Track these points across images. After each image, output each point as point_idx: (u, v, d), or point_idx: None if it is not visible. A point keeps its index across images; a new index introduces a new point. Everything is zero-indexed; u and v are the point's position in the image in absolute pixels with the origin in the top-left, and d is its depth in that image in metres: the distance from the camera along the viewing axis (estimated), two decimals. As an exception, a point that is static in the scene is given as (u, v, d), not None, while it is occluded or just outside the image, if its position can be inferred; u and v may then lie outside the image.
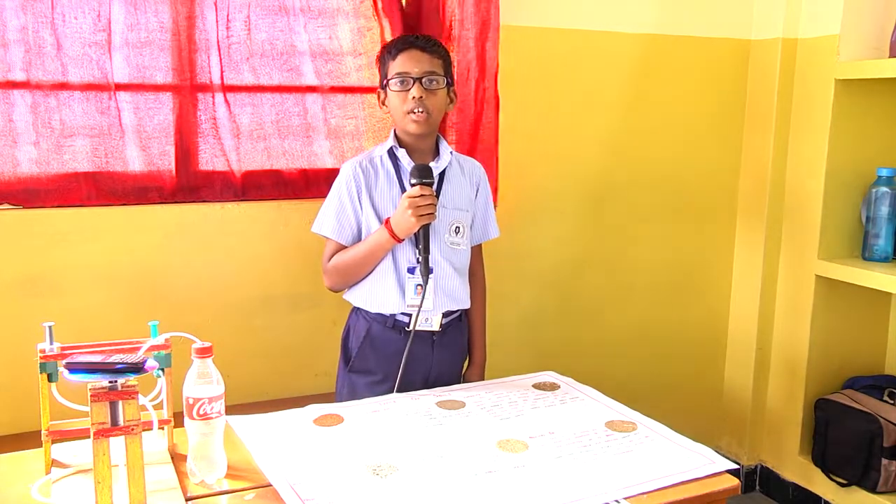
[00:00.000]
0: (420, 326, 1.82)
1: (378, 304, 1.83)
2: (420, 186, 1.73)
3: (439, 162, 1.85)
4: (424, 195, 1.72)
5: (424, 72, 1.76)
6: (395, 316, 1.83)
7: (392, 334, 1.83)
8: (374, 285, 1.82)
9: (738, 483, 1.35)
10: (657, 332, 2.79)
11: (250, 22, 2.09)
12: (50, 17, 1.89)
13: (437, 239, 1.82)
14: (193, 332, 1.30)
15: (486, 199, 1.97)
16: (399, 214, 1.74)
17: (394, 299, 1.81)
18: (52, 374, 1.30)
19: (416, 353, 1.82)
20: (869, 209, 2.52)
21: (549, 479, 1.30)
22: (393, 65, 1.79)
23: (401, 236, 1.76)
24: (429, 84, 1.77)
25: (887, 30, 2.49)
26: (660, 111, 2.65)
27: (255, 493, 1.28)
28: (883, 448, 2.42)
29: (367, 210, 1.81)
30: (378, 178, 1.83)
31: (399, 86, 1.77)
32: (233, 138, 2.11)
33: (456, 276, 1.86)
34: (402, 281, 1.81)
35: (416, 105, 1.76)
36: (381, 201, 1.82)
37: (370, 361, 1.85)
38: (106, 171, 2.00)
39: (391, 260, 1.81)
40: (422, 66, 1.77)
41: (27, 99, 1.91)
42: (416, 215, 1.71)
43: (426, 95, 1.76)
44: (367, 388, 1.82)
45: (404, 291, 1.80)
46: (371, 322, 1.85)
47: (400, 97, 1.77)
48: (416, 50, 1.78)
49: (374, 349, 1.85)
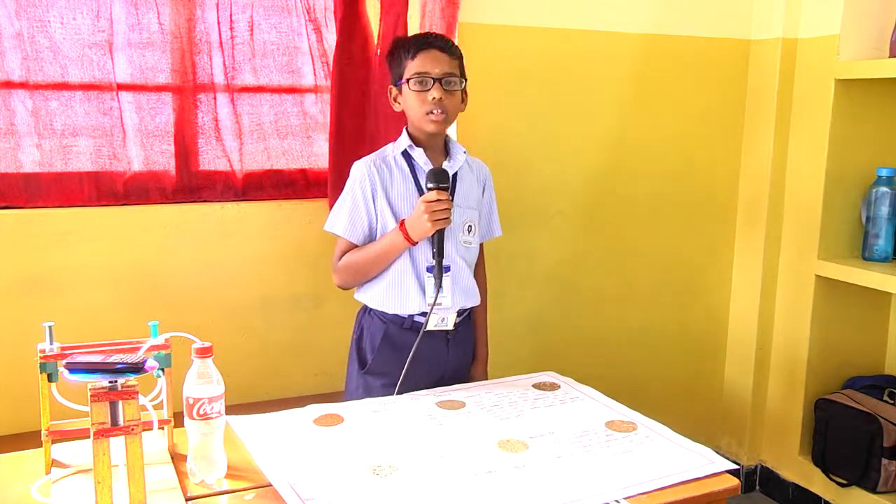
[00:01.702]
0: (436, 326, 1.82)
1: (398, 305, 1.82)
2: (437, 191, 1.73)
3: (453, 163, 1.84)
4: (441, 200, 1.72)
5: (444, 73, 1.76)
6: (412, 316, 1.83)
7: (410, 335, 1.81)
8: (392, 286, 1.82)
9: (738, 483, 1.35)
10: (657, 332, 2.79)
11: (251, 23, 2.09)
12: (48, 17, 1.89)
13: (453, 238, 1.83)
14: (193, 332, 1.31)
15: (491, 198, 1.98)
16: (415, 218, 1.74)
17: (414, 299, 1.81)
18: (52, 374, 1.30)
19: (432, 353, 1.82)
20: (869, 209, 2.52)
21: (549, 479, 1.30)
22: (412, 64, 1.77)
23: (415, 239, 1.76)
24: (448, 85, 1.76)
25: (887, 30, 2.49)
26: (660, 111, 2.65)
27: (255, 493, 1.28)
28: (883, 448, 2.42)
29: (384, 209, 1.81)
30: (393, 176, 1.82)
31: (419, 86, 1.76)
32: (233, 138, 2.11)
33: (469, 274, 1.88)
34: (421, 280, 1.81)
35: (436, 106, 1.75)
36: (398, 200, 1.81)
37: (389, 363, 1.82)
38: (107, 171, 2.01)
39: (409, 260, 1.80)
40: (442, 67, 1.76)
41: (27, 102, 1.91)
42: (431, 220, 1.71)
43: (445, 96, 1.76)
44: (384, 389, 1.78)
45: (424, 291, 1.80)
46: (388, 323, 1.85)
47: (419, 97, 1.76)
48: (436, 50, 1.77)
49: (394, 351, 1.83)
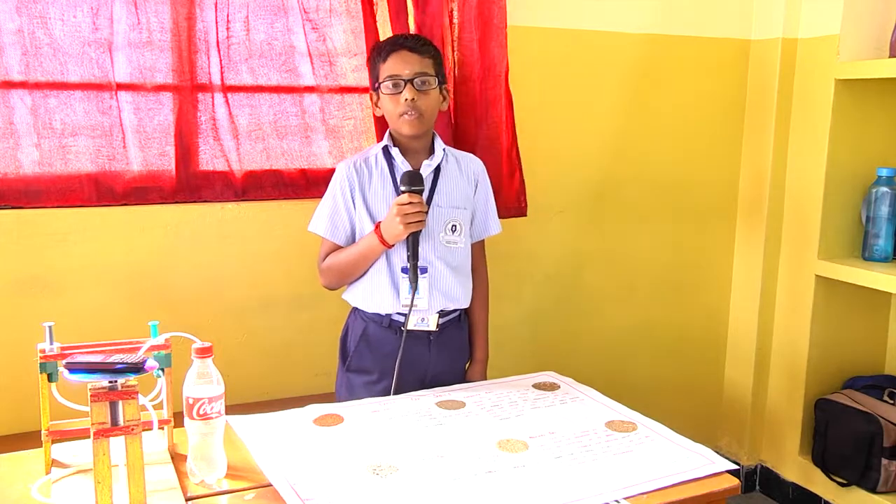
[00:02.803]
0: (417, 326, 1.82)
1: (374, 304, 1.83)
2: (409, 194, 1.72)
3: (433, 160, 1.84)
4: (413, 203, 1.71)
5: (416, 73, 1.76)
6: (390, 316, 1.84)
7: (388, 334, 1.83)
8: (369, 285, 1.83)
9: (738, 483, 1.35)
10: (657, 332, 2.79)
11: (249, 22, 2.09)
12: (47, 16, 1.89)
13: (432, 238, 1.82)
14: (193, 332, 1.31)
15: (486, 195, 1.96)
16: (388, 221, 1.74)
17: (389, 299, 1.81)
18: (52, 374, 1.30)
19: (413, 353, 1.81)
20: (869, 209, 2.52)
21: (549, 479, 1.30)
22: (384, 67, 1.78)
23: (390, 242, 1.76)
24: (420, 85, 1.76)
25: (887, 30, 2.49)
26: (660, 111, 2.65)
27: (255, 493, 1.28)
28: (883, 448, 2.42)
29: (361, 210, 1.81)
30: (372, 177, 1.82)
31: (391, 88, 1.76)
32: (232, 138, 2.11)
33: (452, 276, 1.85)
34: (395, 280, 1.81)
35: (409, 107, 1.75)
36: (375, 201, 1.82)
37: (367, 361, 1.86)
38: (106, 171, 2.00)
39: (384, 260, 1.81)
40: (413, 68, 1.76)
41: (27, 100, 1.91)
42: (403, 223, 1.71)
43: (418, 97, 1.75)
44: (364, 387, 1.83)
45: (399, 291, 1.80)
46: (368, 322, 1.86)
47: (392, 100, 1.77)
48: (405, 51, 1.77)
49: (371, 349, 1.85)
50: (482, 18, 2.20)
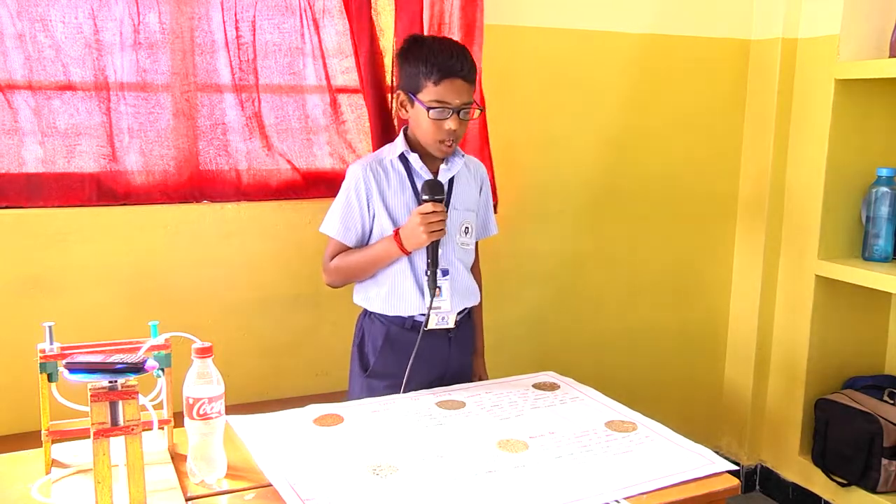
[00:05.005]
0: (437, 325, 1.83)
1: (398, 307, 1.82)
2: (432, 203, 1.72)
3: (451, 166, 1.83)
4: (436, 212, 1.72)
5: (464, 103, 1.74)
6: (413, 317, 1.83)
7: (411, 335, 1.80)
8: (392, 288, 1.82)
9: (738, 483, 1.35)
10: (657, 331, 2.79)
11: (254, 23, 2.09)
12: (48, 18, 1.89)
13: (451, 241, 1.83)
14: (193, 332, 1.31)
15: (487, 197, 1.98)
16: (410, 230, 1.74)
17: (415, 301, 1.81)
18: (52, 374, 1.30)
19: (434, 351, 1.83)
20: (869, 209, 2.52)
21: (549, 479, 1.30)
22: (434, 89, 1.72)
23: (409, 249, 1.76)
24: (465, 115, 1.75)
25: (887, 30, 2.49)
26: (660, 111, 2.65)
27: (255, 493, 1.28)
28: (883, 448, 2.42)
29: (380, 212, 1.80)
30: (390, 180, 1.81)
31: (437, 114, 1.73)
32: (233, 139, 2.11)
33: (467, 275, 1.88)
34: (420, 283, 1.81)
35: (450, 136, 1.75)
36: (395, 204, 1.81)
37: (392, 365, 1.82)
38: (107, 171, 2.00)
39: (407, 263, 1.81)
40: (462, 98, 1.74)
41: (30, 101, 1.91)
42: (427, 232, 1.71)
43: (460, 126, 1.75)
44: (388, 390, 1.78)
45: (423, 293, 1.80)
46: (389, 325, 1.85)
47: (435, 125, 1.74)
48: (459, 80, 1.73)
49: (395, 352, 1.83)
50: (465, 20, 2.20)
